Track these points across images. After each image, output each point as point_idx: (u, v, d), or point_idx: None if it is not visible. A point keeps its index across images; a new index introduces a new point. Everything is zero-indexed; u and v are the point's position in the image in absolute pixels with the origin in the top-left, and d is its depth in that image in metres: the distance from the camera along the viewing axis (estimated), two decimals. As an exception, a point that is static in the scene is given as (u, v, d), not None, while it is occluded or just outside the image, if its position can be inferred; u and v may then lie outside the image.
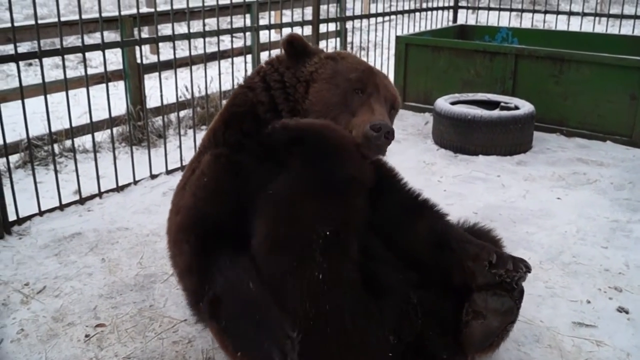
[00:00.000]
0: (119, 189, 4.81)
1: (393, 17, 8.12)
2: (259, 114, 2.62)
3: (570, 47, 6.84)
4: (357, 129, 2.49)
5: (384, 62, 7.95)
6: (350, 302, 2.20)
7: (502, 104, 6.02)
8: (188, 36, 5.09)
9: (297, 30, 6.63)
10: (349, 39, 9.24)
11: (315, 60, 2.67)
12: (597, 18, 8.64)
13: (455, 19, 8.94)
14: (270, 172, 2.39)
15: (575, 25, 8.85)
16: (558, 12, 8.24)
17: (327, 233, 2.19)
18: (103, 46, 4.43)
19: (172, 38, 4.90)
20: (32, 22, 4.25)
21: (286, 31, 6.34)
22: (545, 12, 8.54)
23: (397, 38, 7.46)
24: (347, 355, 2.19)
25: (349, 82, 2.57)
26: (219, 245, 2.29)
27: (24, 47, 9.92)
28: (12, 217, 4.16)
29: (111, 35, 10.09)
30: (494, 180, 5.13)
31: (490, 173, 5.29)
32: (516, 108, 5.90)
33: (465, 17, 8.85)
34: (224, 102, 6.42)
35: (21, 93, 4.21)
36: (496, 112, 5.79)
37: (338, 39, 8.92)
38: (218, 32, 5.33)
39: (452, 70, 7.05)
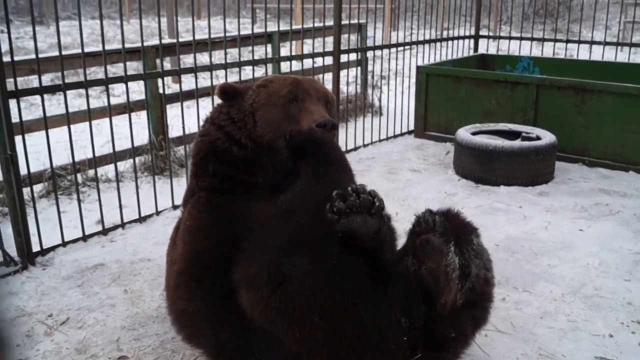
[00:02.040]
0: (141, 219, 4.85)
1: (414, 46, 8.17)
2: (218, 150, 2.86)
3: (592, 76, 6.81)
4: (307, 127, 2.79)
5: (404, 90, 7.99)
6: (364, 291, 2.27)
7: (524, 134, 6.00)
8: (210, 68, 5.17)
9: (319, 60, 6.71)
10: (369, 67, 9.33)
11: (249, 93, 2.95)
12: (619, 47, 8.61)
13: (476, 49, 8.96)
14: (248, 201, 2.68)
15: (597, 53, 8.81)
16: (580, 42, 8.20)
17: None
18: (126, 79, 4.52)
19: (194, 70, 4.98)
20: (56, 52, 4.35)
21: (307, 62, 6.42)
22: (567, 41, 8.51)
23: (418, 68, 7.49)
24: (365, 343, 2.22)
25: (283, 97, 2.87)
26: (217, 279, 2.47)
27: (47, 77, 10.15)
28: (35, 247, 4.21)
29: (134, 65, 10.27)
30: (516, 211, 5.10)
31: (512, 204, 5.26)
32: (538, 138, 5.88)
33: (486, 46, 8.85)
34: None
35: (45, 124, 4.30)
36: (517, 143, 5.78)
37: (359, 67, 9.01)
38: (240, 64, 5.41)
39: (473, 100, 7.06)
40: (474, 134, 6.12)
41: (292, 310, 2.17)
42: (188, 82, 7.61)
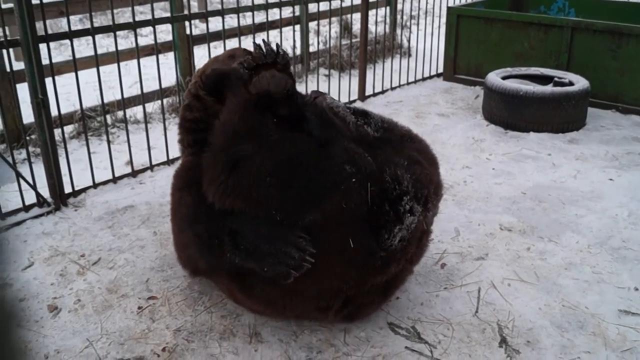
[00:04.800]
0: (169, 162, 4.91)
1: (445, -15, 7.95)
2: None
3: (629, 19, 6.59)
4: None
5: (434, 31, 7.82)
6: (304, 150, 2.64)
7: (556, 79, 5.87)
8: (237, 10, 5.10)
9: (347, 1, 6.56)
10: (398, 7, 9.11)
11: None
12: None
13: (509, -12, 8.67)
14: None
15: (636, -6, 8.48)
16: (618, -19, 7.89)
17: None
18: (153, 22, 4.48)
19: (221, 13, 4.92)
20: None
21: (335, 2, 6.29)
22: (605, -20, 8.19)
23: (449, 9, 7.30)
24: (314, 189, 2.56)
25: (225, 58, 3.31)
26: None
27: (75, 17, 10.11)
28: (67, 188, 4.30)
29: (160, 4, 10.16)
30: (545, 158, 5.04)
31: (541, 151, 5.19)
32: (570, 84, 5.75)
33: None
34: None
35: (75, 67, 4.32)
36: (549, 88, 5.66)
37: (388, 7, 8.81)
38: (267, 6, 5.33)
39: (504, 42, 6.88)
40: (504, 78, 6.00)
41: (247, 181, 2.57)
42: (215, 22, 7.54)
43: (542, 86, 5.73)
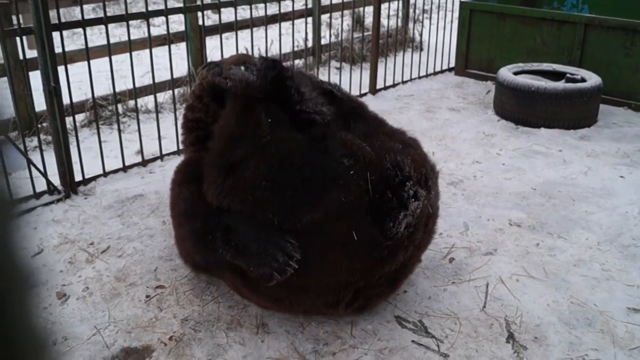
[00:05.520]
0: (180, 151, 4.90)
1: (458, -21, 7.90)
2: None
3: (644, 16, 6.52)
4: None
5: (446, 25, 7.78)
6: (299, 148, 2.67)
7: (568, 75, 5.83)
8: (250, 2, 5.10)
9: (359, -7, 6.55)
10: (411, 1, 9.07)
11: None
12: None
13: (523, -17, 8.61)
14: None
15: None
16: (633, -23, 7.80)
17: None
18: (166, 12, 4.50)
19: (234, 4, 4.92)
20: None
21: (348, -5, 6.27)
22: (620, -24, 8.11)
23: (462, 4, 7.26)
24: (311, 188, 2.57)
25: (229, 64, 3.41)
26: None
27: (89, 6, 10.13)
28: (77, 176, 4.32)
29: (174, -6, 10.17)
30: (555, 154, 5.02)
31: (552, 147, 5.17)
32: (583, 80, 5.71)
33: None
34: (285, 64, 6.44)
35: (87, 56, 4.33)
36: (561, 84, 5.62)
37: (400, 1, 8.76)
38: (280, -3, 5.33)
39: (517, 38, 6.84)
40: (516, 73, 5.97)
41: (242, 185, 2.62)
42: (228, 13, 7.53)
43: (554, 82, 5.70)
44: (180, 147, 4.89)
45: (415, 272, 3.12)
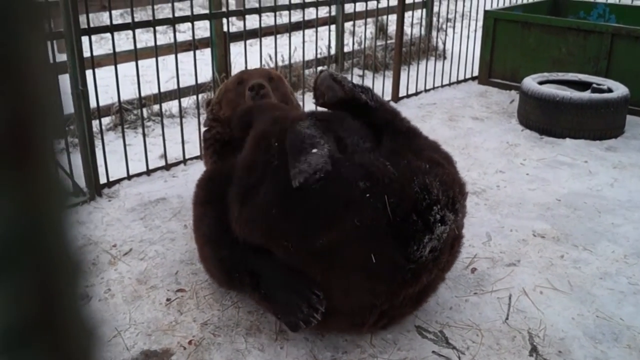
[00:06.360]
0: (202, 156, 4.94)
1: (483, -12, 7.86)
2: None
3: (673, 27, 6.43)
4: (247, 99, 3.52)
5: (470, 34, 7.74)
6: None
7: (594, 85, 5.76)
8: (274, 9, 5.12)
9: (383, 1, 6.54)
10: (435, 9, 9.04)
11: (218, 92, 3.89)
12: None
13: (549, -8, 8.55)
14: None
15: (680, 1, 8.30)
16: (662, -12, 7.73)
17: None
18: (192, 18, 4.54)
19: (258, 11, 4.94)
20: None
21: (372, 4, 6.27)
22: (648, -14, 8.04)
23: (486, 13, 7.23)
24: (321, 215, 2.55)
25: (234, 84, 3.71)
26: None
27: (117, 12, 10.25)
28: (102, 179, 4.37)
29: (199, 1, 10.25)
30: (581, 165, 4.95)
31: (577, 158, 5.10)
32: (609, 90, 5.64)
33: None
34: (307, 71, 6.45)
35: (114, 60, 4.38)
36: (587, 94, 5.56)
37: (424, 9, 8.75)
38: (304, 5, 5.34)
39: (542, 47, 6.78)
40: (541, 83, 5.91)
41: (255, 214, 2.67)
42: (252, 20, 7.57)
43: (580, 92, 5.63)
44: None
45: (437, 281, 3.10)
